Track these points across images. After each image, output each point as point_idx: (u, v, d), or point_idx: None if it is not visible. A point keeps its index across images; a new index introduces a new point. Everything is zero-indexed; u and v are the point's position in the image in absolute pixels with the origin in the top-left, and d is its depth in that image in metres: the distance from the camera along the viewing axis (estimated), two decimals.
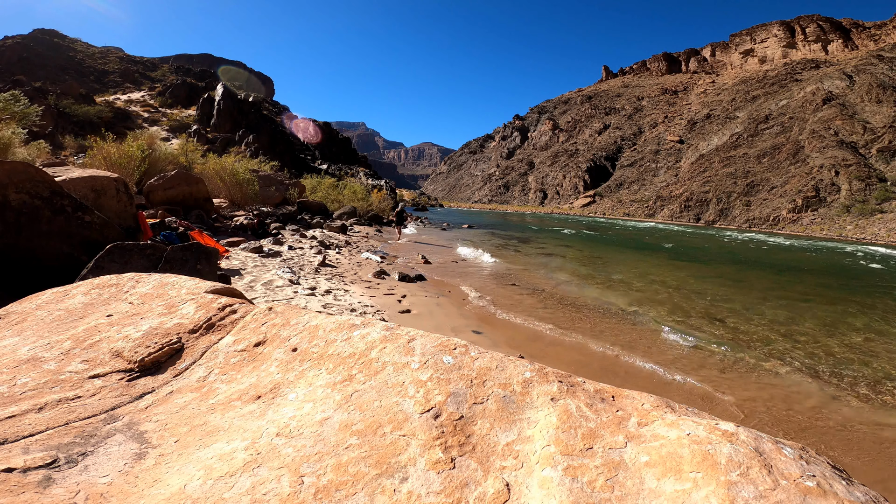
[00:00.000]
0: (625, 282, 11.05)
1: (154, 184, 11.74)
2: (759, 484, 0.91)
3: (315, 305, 5.78)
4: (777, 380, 5.00)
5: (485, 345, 4.91)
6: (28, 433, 1.27)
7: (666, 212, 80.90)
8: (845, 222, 54.36)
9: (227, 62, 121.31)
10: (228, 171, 16.91)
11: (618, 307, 7.92)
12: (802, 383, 4.94)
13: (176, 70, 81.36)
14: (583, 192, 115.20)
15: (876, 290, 12.07)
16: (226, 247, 8.61)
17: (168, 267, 4.48)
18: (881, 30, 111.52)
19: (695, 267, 15.47)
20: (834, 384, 4.95)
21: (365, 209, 24.12)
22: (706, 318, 7.57)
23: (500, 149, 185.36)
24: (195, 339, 1.84)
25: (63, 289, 2.42)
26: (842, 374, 5.25)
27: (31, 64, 57.91)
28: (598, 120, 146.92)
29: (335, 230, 15.97)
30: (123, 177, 7.47)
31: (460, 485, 1.05)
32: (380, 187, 39.07)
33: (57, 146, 29.20)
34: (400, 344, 1.55)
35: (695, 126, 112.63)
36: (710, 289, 10.64)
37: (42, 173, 4.85)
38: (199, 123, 48.82)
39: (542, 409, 1.23)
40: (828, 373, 5.28)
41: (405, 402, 1.29)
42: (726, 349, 5.88)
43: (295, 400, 1.41)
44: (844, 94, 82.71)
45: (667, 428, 1.10)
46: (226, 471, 1.14)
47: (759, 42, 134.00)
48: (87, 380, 1.57)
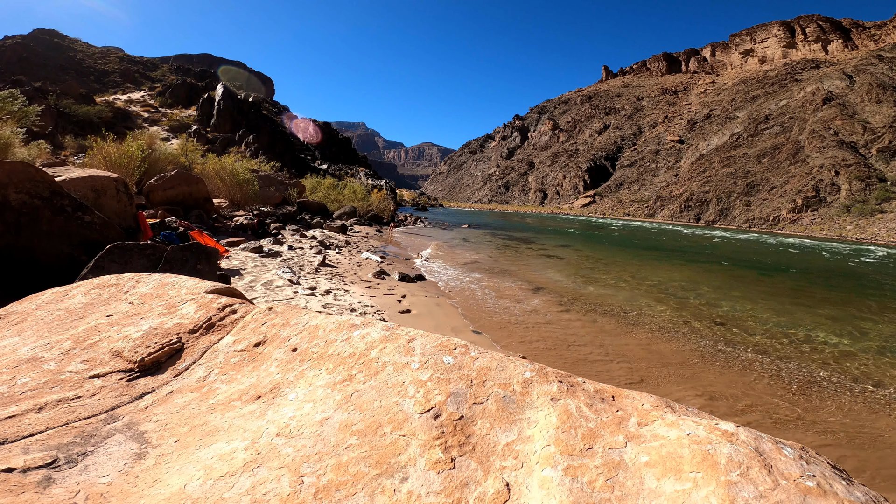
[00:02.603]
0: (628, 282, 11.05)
1: (154, 184, 11.73)
2: (759, 484, 0.90)
3: (315, 305, 5.78)
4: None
5: (484, 345, 4.91)
6: (28, 433, 1.27)
7: (666, 212, 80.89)
8: (845, 222, 54.35)
9: (227, 62, 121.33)
10: (228, 171, 16.90)
11: (615, 307, 7.92)
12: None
13: (176, 70, 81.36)
14: (583, 192, 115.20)
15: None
16: (226, 247, 8.61)
17: (168, 267, 4.48)
18: (881, 30, 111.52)
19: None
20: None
21: (365, 209, 24.13)
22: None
23: (500, 149, 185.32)
24: (195, 339, 1.84)
25: (63, 289, 2.42)
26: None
27: (31, 64, 57.89)
28: (598, 120, 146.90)
29: (335, 230, 15.97)
30: (123, 177, 7.47)
31: (460, 485, 1.05)
32: (380, 187, 39.07)
33: (57, 146, 29.19)
34: (400, 344, 1.55)
35: (695, 126, 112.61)
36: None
37: (42, 173, 4.84)
38: (199, 123, 48.82)
39: (542, 409, 1.23)
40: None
41: (405, 402, 1.29)
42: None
43: (295, 400, 1.41)
44: (844, 94, 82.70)
45: (667, 428, 1.10)
46: (226, 471, 1.14)
47: (759, 42, 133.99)
48: (87, 380, 1.57)
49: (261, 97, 76.82)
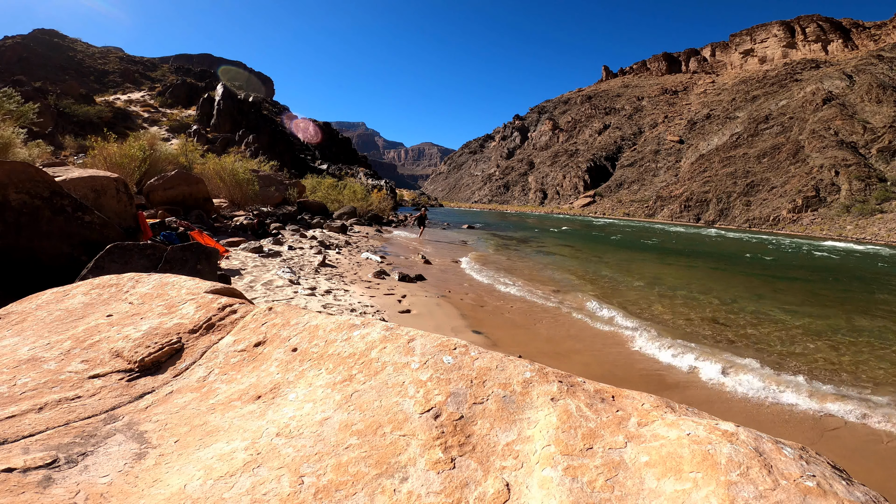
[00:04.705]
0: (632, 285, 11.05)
1: (154, 184, 11.74)
2: (759, 484, 0.90)
3: (315, 305, 5.78)
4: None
5: (484, 345, 4.91)
6: (28, 433, 1.27)
7: (666, 212, 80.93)
8: (845, 222, 54.38)
9: (227, 62, 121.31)
10: (228, 171, 16.91)
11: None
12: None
13: (176, 70, 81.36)
14: (583, 192, 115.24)
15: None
16: (226, 247, 8.61)
17: (168, 267, 4.48)
18: (881, 30, 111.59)
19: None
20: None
21: (365, 209, 24.12)
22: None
23: (500, 149, 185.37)
24: (195, 339, 1.84)
25: (63, 289, 2.42)
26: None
27: (31, 64, 57.87)
28: (598, 120, 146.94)
29: (335, 230, 15.97)
30: (123, 177, 7.47)
31: (460, 485, 1.05)
32: (380, 187, 39.07)
33: (57, 146, 29.21)
34: (400, 344, 1.55)
35: (695, 126, 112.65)
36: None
37: (42, 173, 4.84)
38: (199, 123, 48.84)
39: (542, 409, 1.23)
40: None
41: (405, 402, 1.29)
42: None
43: (295, 400, 1.41)
44: (844, 94, 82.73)
45: (667, 428, 1.10)
46: (226, 471, 1.14)
47: (759, 42, 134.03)
48: (87, 380, 1.57)
49: (261, 97, 76.83)
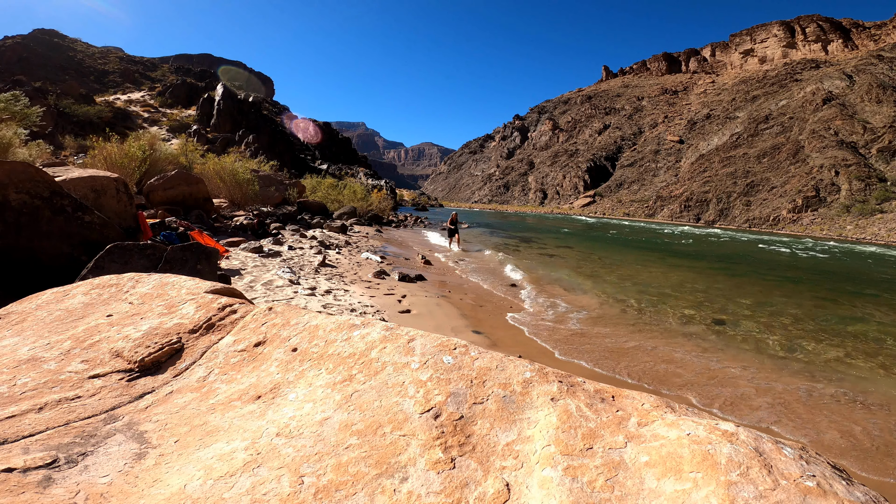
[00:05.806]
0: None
1: (154, 184, 11.73)
2: (759, 484, 0.90)
3: (315, 305, 5.78)
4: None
5: (484, 345, 4.92)
6: (28, 433, 1.27)
7: (666, 212, 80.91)
8: (845, 222, 54.37)
9: (227, 62, 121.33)
10: (228, 171, 16.90)
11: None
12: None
13: (176, 70, 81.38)
14: (583, 192, 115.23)
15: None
16: (226, 247, 8.61)
17: (168, 267, 4.48)
18: (881, 30, 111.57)
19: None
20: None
21: (365, 209, 24.12)
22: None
23: (500, 149, 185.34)
24: (195, 339, 1.84)
25: (63, 289, 2.42)
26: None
27: (31, 64, 57.88)
28: (598, 120, 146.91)
29: (335, 230, 15.96)
30: (123, 177, 7.46)
31: (460, 485, 1.05)
32: (380, 187, 39.08)
33: (57, 146, 29.21)
34: (400, 344, 1.55)
35: (695, 126, 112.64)
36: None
37: (42, 173, 4.84)
38: (199, 123, 48.86)
39: (542, 409, 1.23)
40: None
41: (405, 402, 1.29)
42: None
43: (295, 400, 1.41)
44: (844, 94, 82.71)
45: (667, 428, 1.10)
46: (226, 471, 1.14)
47: (759, 42, 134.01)
48: (87, 380, 1.57)
49: (261, 97, 76.84)
